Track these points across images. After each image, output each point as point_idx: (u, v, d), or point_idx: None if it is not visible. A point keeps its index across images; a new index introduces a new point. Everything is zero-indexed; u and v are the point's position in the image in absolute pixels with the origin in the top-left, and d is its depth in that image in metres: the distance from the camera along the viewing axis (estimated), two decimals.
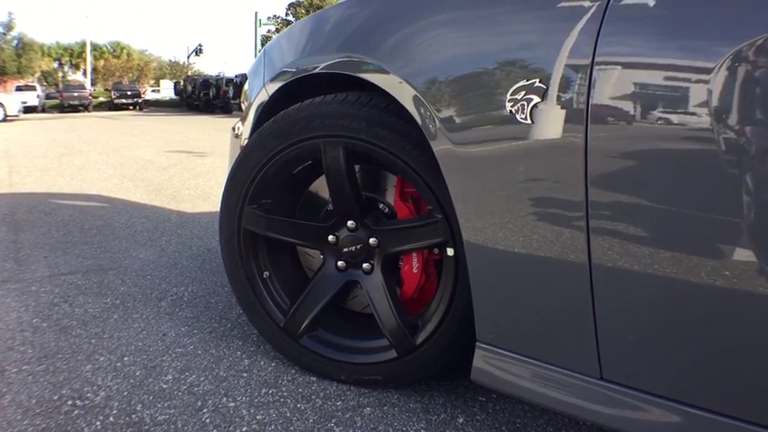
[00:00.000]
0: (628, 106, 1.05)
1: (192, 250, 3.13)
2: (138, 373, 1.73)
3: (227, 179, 1.71)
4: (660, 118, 1.02)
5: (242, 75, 22.36)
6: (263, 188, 1.66)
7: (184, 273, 2.73)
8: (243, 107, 2.11)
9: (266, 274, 1.73)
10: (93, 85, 47.31)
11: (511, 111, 1.16)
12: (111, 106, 34.67)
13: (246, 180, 1.65)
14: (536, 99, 1.12)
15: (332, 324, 1.72)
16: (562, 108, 1.11)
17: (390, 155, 1.44)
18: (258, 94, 1.86)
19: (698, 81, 0.98)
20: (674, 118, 1.01)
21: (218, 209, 1.78)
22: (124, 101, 34.60)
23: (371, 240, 1.60)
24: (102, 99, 37.92)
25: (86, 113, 29.28)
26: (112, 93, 36.53)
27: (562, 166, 1.13)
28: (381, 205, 1.67)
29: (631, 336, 1.13)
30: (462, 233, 1.29)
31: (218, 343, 1.95)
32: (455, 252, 1.45)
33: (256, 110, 1.87)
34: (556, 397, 1.25)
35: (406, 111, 1.36)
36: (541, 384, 1.27)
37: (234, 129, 2.13)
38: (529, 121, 1.14)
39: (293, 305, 1.70)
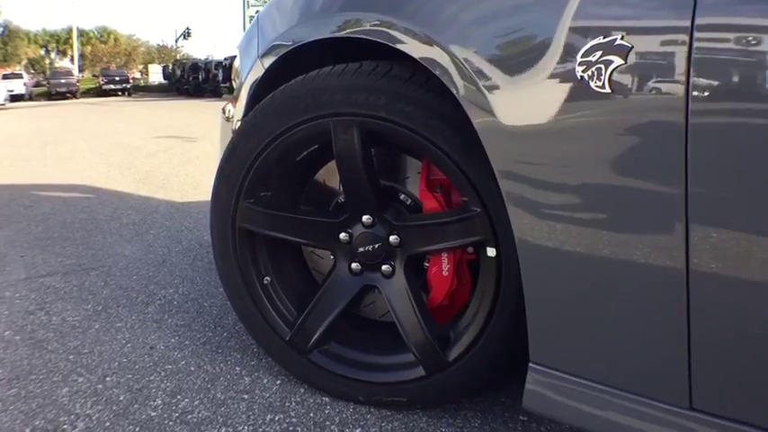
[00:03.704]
0: (745, 71, 0.80)
1: (182, 245, 2.87)
2: (122, 398, 1.48)
3: (218, 170, 1.45)
4: None
5: (231, 57, 22.00)
6: (261, 179, 1.40)
7: (174, 271, 2.47)
8: (234, 86, 1.84)
9: (267, 279, 1.47)
10: (80, 71, 46.65)
11: (582, 76, 0.90)
12: (100, 92, 34.18)
13: (240, 170, 1.39)
14: (617, 61, 0.86)
15: (345, 336, 1.47)
16: (653, 73, 0.85)
17: (417, 136, 1.18)
18: (251, 69, 1.58)
19: None
20: None
21: (209, 200, 1.52)
22: (112, 86, 34.18)
23: (392, 238, 1.34)
24: (90, 85, 37.34)
25: (74, 100, 28.83)
26: (100, 79, 36.07)
27: (653, 148, 0.87)
28: (403, 196, 1.41)
29: (734, 359, 0.90)
30: (514, 231, 1.04)
31: (214, 357, 1.70)
32: (497, 253, 1.19)
33: (250, 88, 1.59)
34: (631, 426, 1.01)
35: (439, 81, 1.10)
36: (614, 414, 1.03)
37: (224, 111, 1.86)
38: (607, 89, 0.88)
39: (300, 316, 1.44)
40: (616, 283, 0.97)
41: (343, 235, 1.39)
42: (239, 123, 1.56)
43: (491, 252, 1.20)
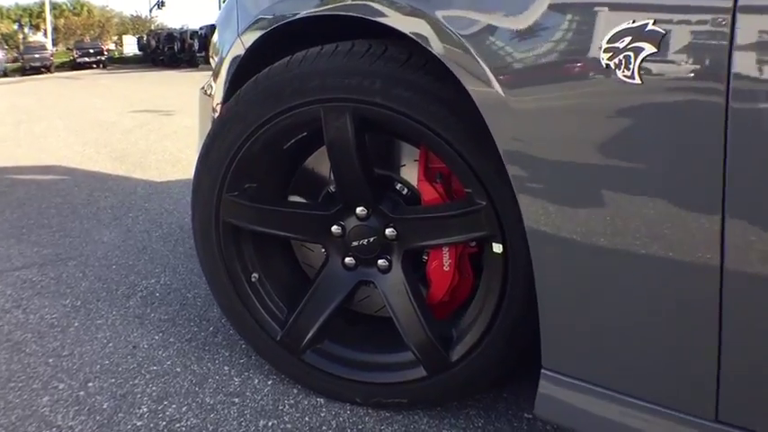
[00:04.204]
0: None
1: (163, 229, 2.76)
2: (105, 406, 1.39)
3: (198, 159, 1.34)
4: None
5: (207, 26, 21.53)
6: (246, 170, 1.29)
7: (154, 259, 2.36)
8: (212, 62, 1.71)
9: (255, 276, 1.38)
10: (54, 45, 45.44)
11: (608, 65, 0.80)
12: (74, 66, 33.36)
13: (223, 160, 1.28)
14: (648, 49, 0.77)
15: (340, 334, 1.39)
16: (689, 63, 0.75)
17: (416, 123, 1.08)
18: (232, 46, 1.46)
19: None
20: None
21: (190, 177, 1.41)
22: (87, 59, 33.37)
23: (388, 231, 1.25)
24: (64, 59, 36.42)
25: (49, 75, 28.11)
26: (74, 52, 35.20)
27: (687, 144, 0.78)
28: (399, 186, 1.31)
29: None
30: (526, 225, 0.95)
31: (200, 355, 1.61)
32: (504, 249, 1.10)
33: (230, 66, 1.47)
34: None
35: (441, 64, 1.00)
36: (634, 425, 0.96)
37: (203, 88, 1.74)
38: (636, 81, 0.78)
39: (292, 314, 1.35)
40: (641, 284, 0.88)
41: (335, 228, 1.29)
42: (220, 109, 1.45)
43: (497, 248, 1.11)
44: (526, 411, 1.36)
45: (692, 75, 0.75)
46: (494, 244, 1.12)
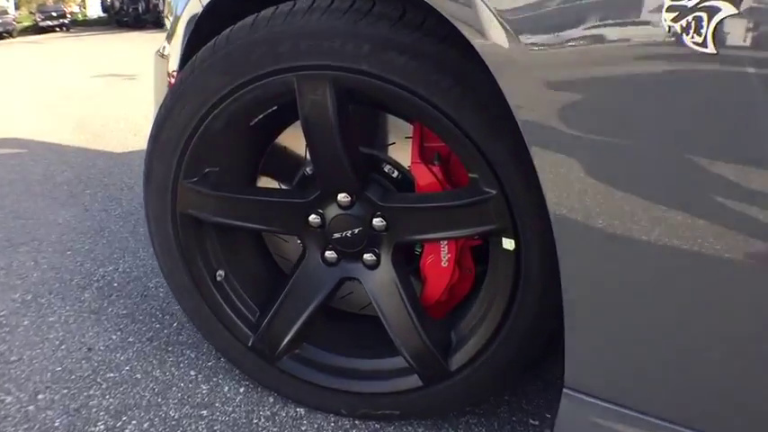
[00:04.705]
0: None
1: (122, 206, 2.54)
2: (57, 424, 1.22)
3: (150, 139, 1.13)
4: None
5: None
6: (205, 152, 1.09)
7: (113, 242, 2.15)
8: (167, 23, 1.49)
9: (221, 274, 1.19)
10: (17, 8, 43.65)
11: (671, 27, 0.61)
12: (37, 30, 32.09)
13: (178, 141, 1.07)
14: (726, 9, 0.58)
15: (321, 337, 1.21)
16: None
17: (411, 95, 0.89)
18: (187, 3, 1.24)
19: None
20: None
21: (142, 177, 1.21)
22: (50, 23, 32.12)
23: (376, 222, 1.06)
24: (27, 23, 35.01)
25: (11, 40, 26.95)
26: (37, 15, 33.81)
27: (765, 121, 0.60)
28: (388, 168, 1.12)
29: None
30: (553, 220, 0.77)
31: (163, 357, 1.43)
32: (516, 245, 0.93)
33: (186, 26, 1.25)
34: None
35: (443, 21, 0.80)
36: None
37: (159, 50, 1.51)
38: (710, 49, 0.60)
39: (265, 316, 1.17)
40: (692, 290, 0.72)
41: (313, 218, 1.10)
42: (175, 74, 1.23)
43: (509, 244, 0.94)
44: (531, 417, 1.21)
45: None
46: (504, 239, 0.94)
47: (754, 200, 0.63)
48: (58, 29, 32.09)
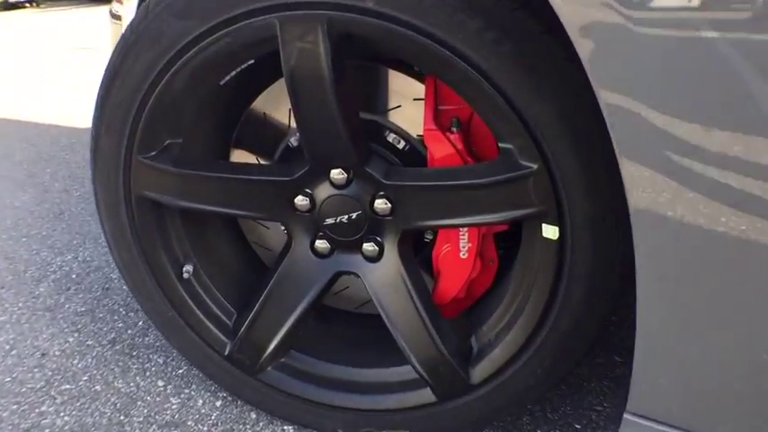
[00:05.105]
0: None
1: (85, 186, 2.30)
2: None
3: (96, 104, 0.91)
4: None
5: None
6: (164, 119, 0.87)
7: (72, 227, 1.92)
8: None
9: (188, 269, 0.98)
10: None
11: None
12: (7, 6, 31.16)
13: (130, 106, 0.86)
14: None
15: (311, 342, 1.01)
16: None
17: (430, 42, 0.68)
18: None
19: None
20: None
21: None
22: None
23: (378, 204, 0.86)
24: None
25: None
26: None
27: None
28: (392, 137, 0.91)
29: None
30: (634, 210, 0.58)
31: (127, 364, 1.23)
32: (561, 233, 0.73)
33: None
34: None
35: None
36: None
37: (111, 10, 1.28)
38: None
39: (243, 320, 0.97)
40: None
41: (300, 199, 0.89)
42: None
43: (551, 232, 0.74)
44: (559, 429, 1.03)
45: None
46: (544, 225, 0.74)
47: None
48: (27, 4, 31.20)
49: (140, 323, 1.36)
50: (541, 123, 0.67)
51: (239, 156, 1.03)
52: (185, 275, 0.96)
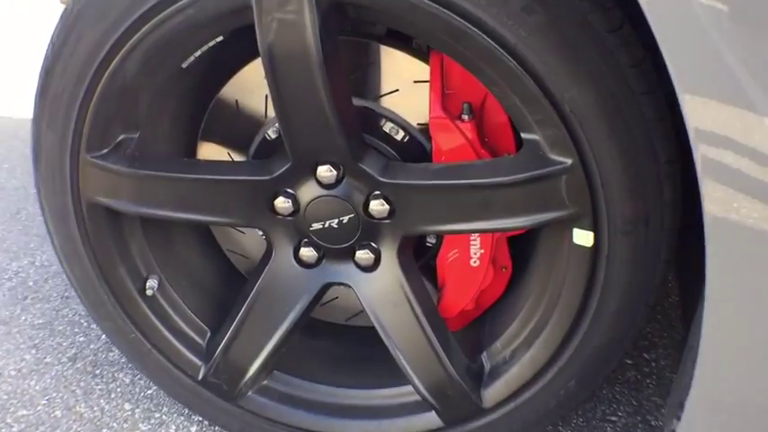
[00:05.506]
0: None
1: None
2: None
3: (36, 95, 0.78)
4: None
5: None
6: (116, 111, 0.74)
7: (30, 228, 1.77)
8: None
9: (152, 284, 0.84)
10: None
11: None
12: None
13: (74, 95, 0.72)
14: None
15: (297, 361, 0.90)
16: None
17: (444, 11, 0.55)
18: None
19: None
20: None
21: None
22: None
23: (374, 206, 0.74)
24: None
25: None
26: None
27: None
28: (390, 127, 0.79)
29: None
30: (709, 218, 0.48)
31: (90, 385, 1.11)
32: (595, 240, 0.62)
33: None
34: None
35: None
36: None
37: None
38: None
39: (219, 339, 0.85)
40: None
41: (281, 201, 0.77)
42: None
43: (583, 238, 0.63)
44: None
45: None
46: (576, 230, 0.63)
47: None
48: None
49: (104, 336, 1.23)
50: (579, 111, 0.56)
51: (208, 151, 0.89)
52: (149, 291, 0.84)
